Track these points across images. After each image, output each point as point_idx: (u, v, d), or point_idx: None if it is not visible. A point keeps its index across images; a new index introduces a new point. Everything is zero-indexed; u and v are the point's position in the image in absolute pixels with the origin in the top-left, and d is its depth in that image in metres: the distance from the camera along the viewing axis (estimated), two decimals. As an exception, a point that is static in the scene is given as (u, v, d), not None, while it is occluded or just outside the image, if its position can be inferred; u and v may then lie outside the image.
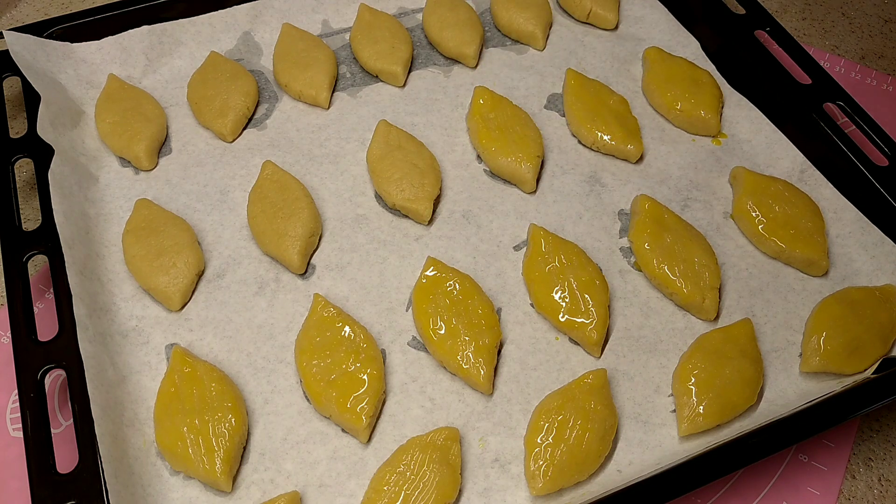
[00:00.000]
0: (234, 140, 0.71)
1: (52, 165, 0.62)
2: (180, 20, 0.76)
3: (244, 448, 0.54)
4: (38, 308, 0.63)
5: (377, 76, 0.76)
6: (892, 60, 0.88)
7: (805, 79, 0.73)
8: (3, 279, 0.66)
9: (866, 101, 0.82)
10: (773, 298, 0.63)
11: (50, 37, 0.72)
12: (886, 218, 0.65)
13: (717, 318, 0.62)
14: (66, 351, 0.54)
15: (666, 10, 0.83)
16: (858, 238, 0.66)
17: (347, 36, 0.80)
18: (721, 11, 0.80)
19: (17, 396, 0.57)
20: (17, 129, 0.68)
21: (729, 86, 0.76)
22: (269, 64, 0.77)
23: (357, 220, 0.66)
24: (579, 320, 0.58)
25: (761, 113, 0.74)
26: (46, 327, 0.57)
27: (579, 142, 0.73)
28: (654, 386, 0.58)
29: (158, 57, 0.75)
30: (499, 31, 0.81)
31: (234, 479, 0.53)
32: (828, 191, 0.68)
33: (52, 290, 0.59)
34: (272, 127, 0.72)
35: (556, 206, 0.68)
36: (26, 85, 0.68)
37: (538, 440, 0.53)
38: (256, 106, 0.73)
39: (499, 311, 0.61)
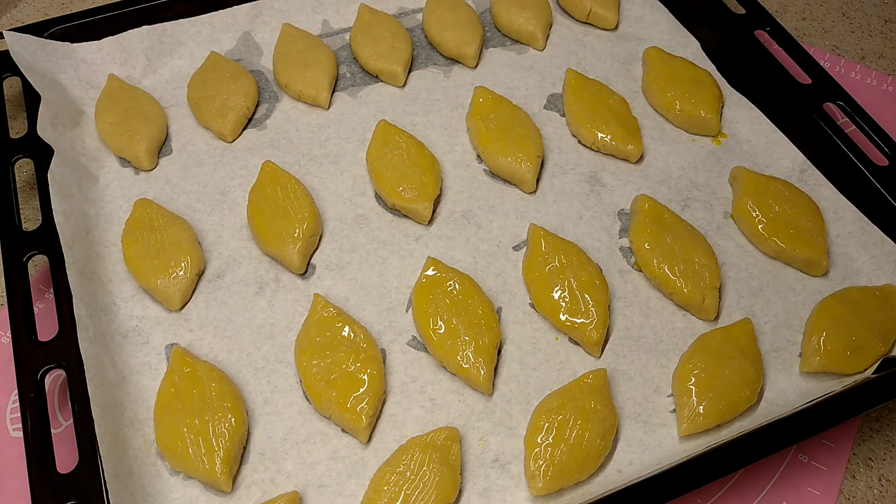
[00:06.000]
0: (234, 140, 0.71)
1: (52, 165, 0.62)
2: (180, 20, 0.76)
3: (244, 448, 0.54)
4: (38, 308, 0.63)
5: (377, 76, 0.76)
6: (892, 60, 0.88)
7: (805, 79, 0.73)
8: (3, 279, 0.66)
9: (866, 101, 0.82)
10: (773, 298, 0.63)
11: (50, 37, 0.72)
12: (886, 218, 0.65)
13: (717, 318, 0.62)
14: (66, 351, 0.54)
15: (666, 10, 0.83)
16: (858, 238, 0.66)
17: (347, 36, 0.80)
18: (721, 11, 0.80)
19: (17, 396, 0.57)
20: (17, 129, 0.68)
21: (729, 86, 0.76)
22: (269, 64, 0.77)
23: (357, 220, 0.66)
24: (579, 320, 0.58)
25: (761, 113, 0.74)
26: (46, 327, 0.57)
27: (579, 142, 0.72)
28: (654, 386, 0.58)
29: (158, 57, 0.75)
30: (499, 31, 0.81)
31: (234, 479, 0.53)
32: (828, 191, 0.68)
33: (52, 290, 0.59)
34: (272, 127, 0.72)
35: (556, 206, 0.68)
36: (26, 85, 0.68)
37: (538, 440, 0.53)
38: (256, 106, 0.73)
39: (499, 311, 0.61)
